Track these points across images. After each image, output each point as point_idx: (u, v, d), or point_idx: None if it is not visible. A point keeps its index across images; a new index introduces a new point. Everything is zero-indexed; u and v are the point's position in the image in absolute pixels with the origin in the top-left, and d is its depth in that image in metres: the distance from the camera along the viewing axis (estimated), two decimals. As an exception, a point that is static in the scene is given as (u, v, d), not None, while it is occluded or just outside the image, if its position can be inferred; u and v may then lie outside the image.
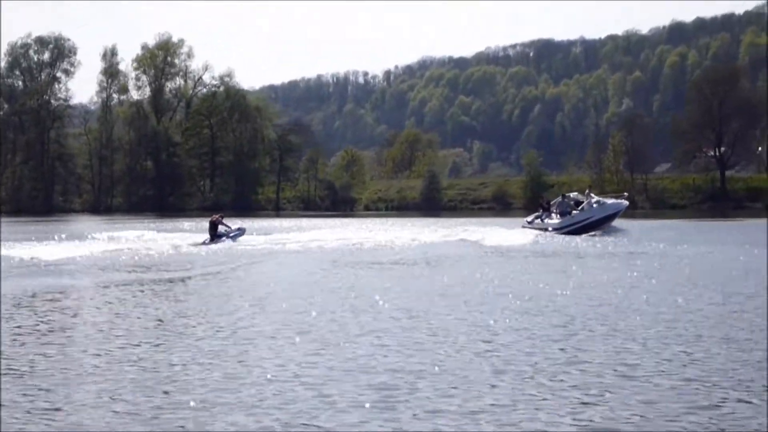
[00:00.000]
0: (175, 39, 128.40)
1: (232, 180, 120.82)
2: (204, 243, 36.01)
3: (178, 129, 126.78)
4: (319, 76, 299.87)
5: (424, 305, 15.52)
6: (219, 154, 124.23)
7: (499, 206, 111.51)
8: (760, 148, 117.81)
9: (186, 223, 61.49)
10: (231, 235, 37.62)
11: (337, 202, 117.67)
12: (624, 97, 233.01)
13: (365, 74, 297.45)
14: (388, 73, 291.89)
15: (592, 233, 40.80)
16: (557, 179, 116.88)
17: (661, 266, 23.35)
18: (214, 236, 36.88)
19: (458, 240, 37.41)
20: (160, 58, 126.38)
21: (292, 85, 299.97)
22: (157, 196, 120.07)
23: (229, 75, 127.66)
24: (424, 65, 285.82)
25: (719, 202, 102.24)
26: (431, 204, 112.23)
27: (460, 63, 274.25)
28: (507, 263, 25.52)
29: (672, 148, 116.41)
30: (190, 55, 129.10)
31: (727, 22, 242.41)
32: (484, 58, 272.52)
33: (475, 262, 25.94)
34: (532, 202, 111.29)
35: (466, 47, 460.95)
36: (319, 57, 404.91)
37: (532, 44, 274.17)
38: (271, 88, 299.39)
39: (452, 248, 32.48)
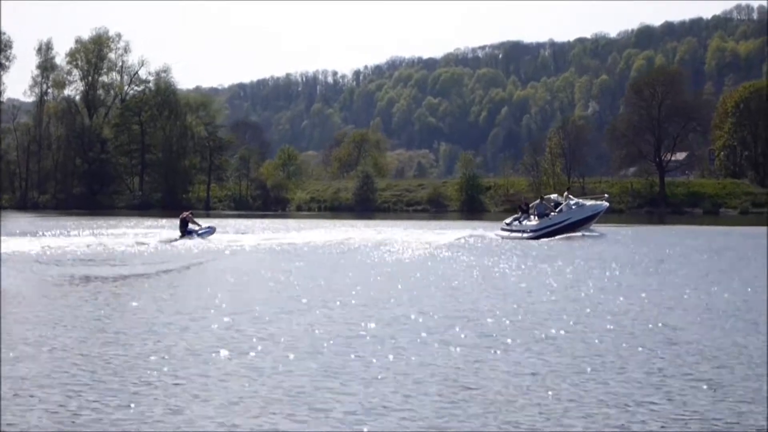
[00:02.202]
0: (112, 33, 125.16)
1: (161, 178, 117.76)
2: (175, 240, 37.33)
3: (111, 125, 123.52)
4: (287, 75, 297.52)
5: None
6: (149, 152, 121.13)
7: (433, 208, 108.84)
8: (715, 154, 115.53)
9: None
10: (200, 232, 38.91)
11: (269, 202, 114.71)
12: (591, 100, 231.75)
13: (334, 73, 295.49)
14: (357, 73, 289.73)
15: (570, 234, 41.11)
16: (493, 181, 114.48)
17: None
18: (185, 233, 38.39)
19: None
20: (94, 53, 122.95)
21: (261, 84, 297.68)
22: (85, 194, 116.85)
23: (166, 71, 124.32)
24: (393, 65, 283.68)
25: (658, 207, 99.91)
26: (365, 205, 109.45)
27: (428, 64, 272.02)
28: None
29: (609, 151, 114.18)
30: (127, 50, 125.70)
31: (695, 26, 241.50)
32: (453, 59, 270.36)
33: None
34: (467, 204, 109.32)
35: (435, 48, 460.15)
36: (289, 56, 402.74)
37: (501, 46, 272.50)
38: (240, 87, 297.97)
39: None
